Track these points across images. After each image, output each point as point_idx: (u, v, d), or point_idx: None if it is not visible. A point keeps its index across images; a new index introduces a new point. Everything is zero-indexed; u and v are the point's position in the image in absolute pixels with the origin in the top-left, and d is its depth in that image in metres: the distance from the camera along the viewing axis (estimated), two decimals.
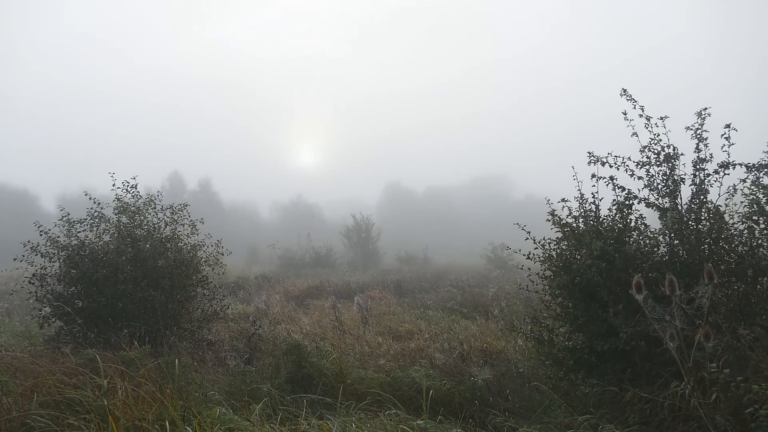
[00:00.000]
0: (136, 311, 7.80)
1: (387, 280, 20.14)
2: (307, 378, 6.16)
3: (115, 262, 7.89)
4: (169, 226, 8.82)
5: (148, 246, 8.39)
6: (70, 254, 8.03)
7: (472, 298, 14.11)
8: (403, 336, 9.60)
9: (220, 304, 8.96)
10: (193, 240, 8.97)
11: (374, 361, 7.30)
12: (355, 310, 11.48)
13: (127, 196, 8.70)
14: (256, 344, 8.01)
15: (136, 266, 8.01)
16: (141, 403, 4.69)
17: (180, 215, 8.93)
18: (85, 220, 8.42)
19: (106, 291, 7.73)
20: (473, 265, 33.64)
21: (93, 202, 8.57)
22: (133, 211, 8.61)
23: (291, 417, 5.14)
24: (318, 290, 17.66)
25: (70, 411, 4.69)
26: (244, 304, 14.42)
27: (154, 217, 8.82)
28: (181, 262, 8.48)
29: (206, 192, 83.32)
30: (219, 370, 6.94)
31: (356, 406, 5.41)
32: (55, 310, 7.87)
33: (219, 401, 5.57)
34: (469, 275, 23.44)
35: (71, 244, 8.16)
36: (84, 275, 7.89)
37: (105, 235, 8.49)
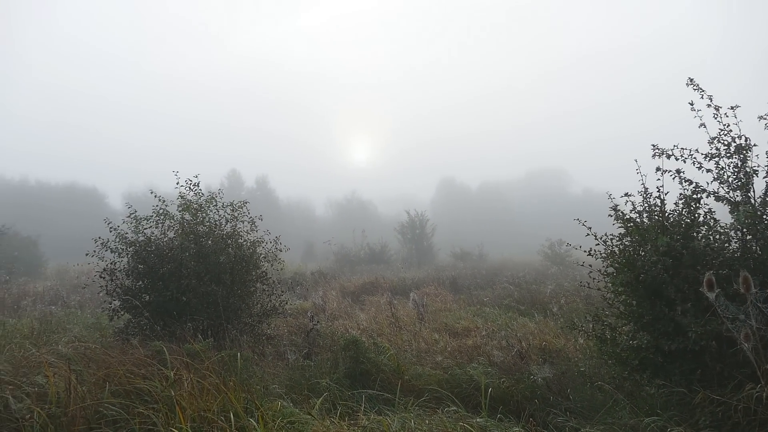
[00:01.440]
0: (199, 305, 8.03)
1: (442, 277, 20.06)
2: (365, 373, 6.20)
3: (179, 258, 8.14)
4: (229, 223, 9.05)
5: (210, 242, 8.63)
6: (138, 250, 8.33)
7: (529, 295, 13.87)
8: (459, 333, 9.54)
9: (279, 299, 9.12)
10: (252, 236, 9.16)
11: (431, 357, 7.28)
12: (411, 307, 11.48)
13: (190, 194, 8.99)
14: (315, 339, 8.12)
15: (199, 262, 8.25)
16: (206, 395, 4.83)
17: (240, 212, 9.14)
18: (151, 217, 8.74)
19: (170, 285, 7.98)
20: (529, 262, 33.12)
21: (158, 199, 8.88)
22: (196, 208, 8.87)
23: (350, 412, 5.20)
24: (373, 286, 17.75)
25: (139, 400, 4.88)
26: (301, 299, 14.67)
27: (216, 214, 9.06)
28: (241, 258, 8.67)
29: (263, 189, 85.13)
30: (279, 364, 7.09)
31: (414, 402, 5.42)
32: (123, 304, 8.18)
33: (279, 394, 5.68)
34: (525, 272, 23.09)
35: (138, 241, 8.47)
36: (150, 270, 8.17)
37: (170, 231, 8.78)
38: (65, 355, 6.18)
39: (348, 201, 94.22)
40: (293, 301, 13.03)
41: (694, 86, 5.56)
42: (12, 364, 5.97)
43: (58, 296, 14.87)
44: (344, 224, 70.39)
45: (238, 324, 8.37)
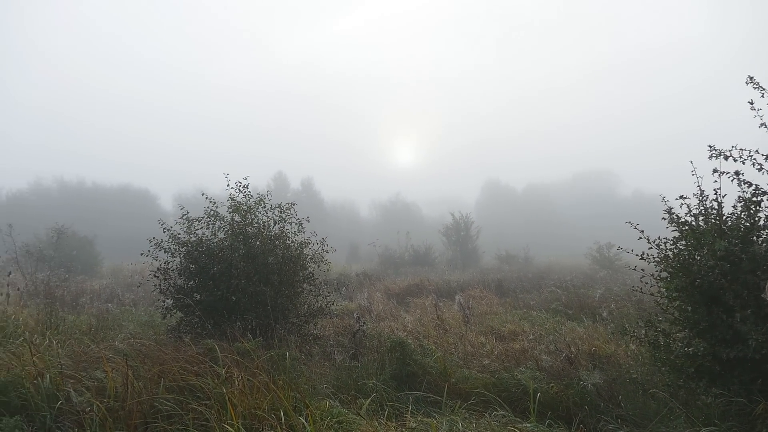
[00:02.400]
0: (248, 305, 8.18)
1: (487, 279, 19.87)
2: (411, 375, 6.21)
3: (229, 258, 8.31)
4: (277, 224, 9.19)
5: (258, 243, 8.78)
6: (189, 250, 8.56)
7: (577, 299, 13.59)
8: (506, 336, 9.44)
9: (325, 300, 9.22)
10: (299, 238, 9.29)
11: (478, 361, 7.23)
12: (456, 309, 11.42)
13: (240, 196, 9.17)
14: (361, 340, 8.17)
15: (248, 262, 8.41)
16: (256, 393, 4.92)
17: (288, 214, 9.27)
18: (203, 218, 8.96)
19: (221, 285, 8.16)
20: (577, 265, 32.47)
21: (209, 201, 9.10)
22: (245, 210, 9.05)
23: (397, 413, 5.22)
24: (418, 288, 17.73)
25: (192, 396, 5.02)
26: (346, 300, 14.77)
27: (264, 215, 9.22)
28: (288, 258, 8.80)
29: (308, 191, 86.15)
30: (326, 364, 7.16)
31: (461, 405, 5.39)
32: (176, 302, 8.40)
33: (327, 394, 5.75)
34: (572, 275, 22.67)
35: (190, 241, 8.70)
36: (201, 270, 8.39)
37: (220, 232, 8.99)
38: (122, 351, 6.40)
39: (392, 203, 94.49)
40: (339, 302, 13.15)
41: (754, 84, 5.35)
42: (72, 358, 6.21)
43: (113, 294, 15.41)
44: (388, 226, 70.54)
45: (286, 324, 8.49)
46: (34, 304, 11.56)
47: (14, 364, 5.72)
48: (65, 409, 4.88)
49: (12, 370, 5.56)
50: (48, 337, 7.65)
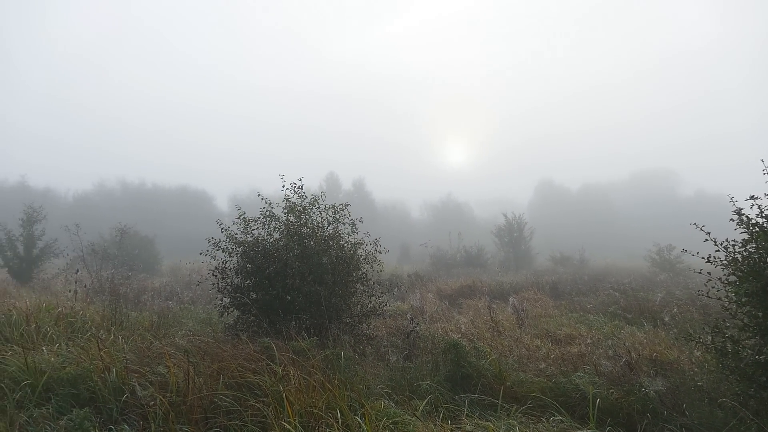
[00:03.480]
0: (302, 304, 8.28)
1: (541, 281, 19.50)
2: (465, 377, 6.15)
3: (284, 258, 8.44)
4: (331, 225, 9.27)
5: (312, 243, 8.88)
6: (246, 250, 8.74)
7: (636, 302, 13.15)
8: (562, 340, 9.23)
9: (378, 300, 9.24)
10: (353, 238, 9.34)
11: (534, 364, 7.09)
12: (510, 311, 11.26)
13: (294, 197, 9.30)
14: (414, 341, 8.15)
15: (302, 262, 8.51)
16: (311, 391, 4.98)
17: (341, 214, 9.34)
18: (259, 218, 9.14)
19: (276, 284, 8.29)
20: (635, 268, 31.50)
21: (265, 202, 9.27)
22: (300, 210, 9.17)
23: (452, 415, 5.18)
24: (470, 290, 17.56)
25: (250, 393, 5.12)
26: (398, 301, 14.78)
27: (318, 216, 9.31)
28: (342, 259, 8.86)
29: (360, 192, 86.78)
30: (379, 365, 7.17)
31: (517, 409, 5.31)
32: (233, 301, 8.61)
33: (381, 394, 5.76)
34: (631, 278, 21.98)
35: (247, 241, 8.89)
36: (258, 269, 8.54)
37: (275, 232, 9.14)
38: (183, 348, 6.60)
39: (443, 203, 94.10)
40: (391, 302, 13.16)
41: None
42: (136, 354, 6.45)
43: (173, 292, 15.90)
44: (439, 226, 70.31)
45: (339, 324, 8.55)
46: (100, 300, 12.06)
47: (83, 358, 5.97)
48: (130, 403, 5.07)
49: (81, 363, 5.81)
50: (113, 332, 7.97)
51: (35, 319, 8.19)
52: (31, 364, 5.67)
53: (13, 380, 5.46)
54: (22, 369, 5.63)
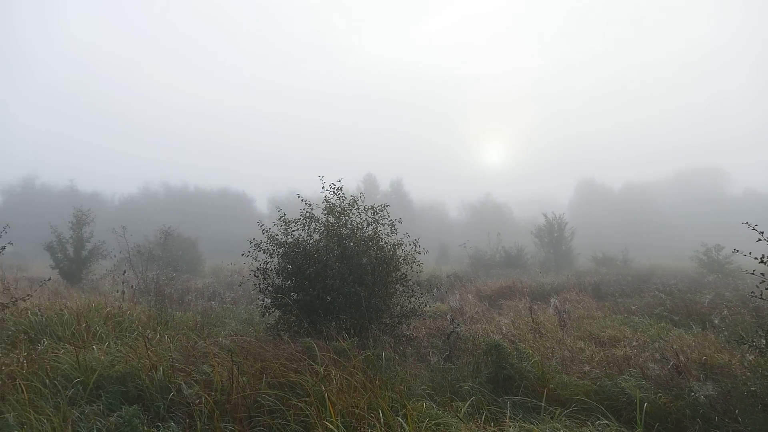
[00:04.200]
0: (342, 305, 8.32)
1: (583, 282, 19.12)
2: (507, 379, 6.07)
3: (324, 259, 8.50)
4: (370, 225, 9.29)
5: (352, 244, 8.91)
6: (287, 251, 8.83)
7: (683, 304, 12.78)
8: (606, 342, 9.03)
9: (418, 301, 9.22)
10: (392, 239, 9.34)
11: (578, 367, 6.95)
12: (552, 313, 11.08)
13: (334, 198, 9.36)
14: (455, 342, 8.10)
15: (342, 263, 8.55)
16: (353, 391, 5.00)
17: (381, 215, 9.35)
18: (299, 220, 9.22)
19: (316, 285, 8.35)
20: (681, 268, 30.63)
21: (304, 203, 9.35)
22: (339, 211, 9.22)
23: (494, 417, 5.12)
24: (510, 291, 17.36)
25: (292, 393, 5.17)
26: (437, 302, 14.72)
27: (358, 217, 9.35)
28: (382, 259, 8.86)
29: (397, 193, 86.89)
30: (420, 365, 7.15)
31: (561, 412, 5.22)
32: (274, 301, 8.72)
33: (422, 395, 5.74)
34: (677, 279, 21.37)
35: (287, 242, 8.98)
36: (298, 270, 8.62)
37: (315, 233, 9.21)
38: (226, 347, 6.71)
39: (482, 204, 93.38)
40: (430, 303, 13.11)
41: None
42: (181, 353, 6.59)
43: (215, 293, 16.18)
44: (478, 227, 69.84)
45: (379, 324, 8.56)
46: (146, 300, 12.37)
47: (131, 357, 6.13)
48: (176, 401, 5.19)
49: (129, 362, 5.97)
50: (159, 332, 8.17)
51: (85, 318, 8.46)
52: (82, 362, 5.86)
53: (65, 377, 5.64)
54: (74, 367, 5.82)
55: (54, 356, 6.26)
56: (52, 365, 5.92)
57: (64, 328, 8.11)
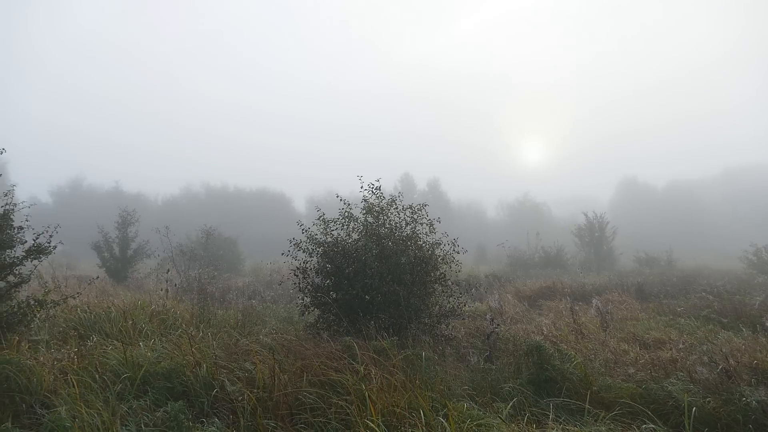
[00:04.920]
0: (381, 304, 8.33)
1: (626, 283, 18.68)
2: (549, 381, 5.98)
3: (363, 258, 8.52)
4: (409, 225, 9.28)
5: (390, 244, 8.92)
6: (326, 250, 8.89)
7: (732, 306, 12.36)
8: (650, 344, 8.82)
9: (457, 300, 9.17)
10: (431, 239, 9.31)
11: (622, 369, 6.80)
12: (593, 314, 10.88)
13: (372, 198, 9.38)
14: (495, 343, 8.03)
15: (381, 262, 8.57)
16: (393, 391, 5.00)
17: (419, 215, 9.33)
18: (338, 219, 9.28)
19: (355, 284, 8.39)
20: (729, 269, 29.60)
21: (343, 203, 9.40)
22: (378, 211, 9.24)
23: (536, 419, 5.05)
24: (550, 291, 17.09)
25: (332, 391, 5.21)
26: (476, 302, 14.60)
27: (396, 216, 9.35)
28: (421, 259, 8.84)
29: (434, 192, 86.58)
30: (459, 366, 7.11)
31: (606, 415, 5.11)
32: (313, 300, 8.80)
33: (462, 395, 5.71)
34: (725, 280, 20.65)
35: (327, 241, 9.04)
36: (337, 269, 8.67)
37: (354, 233, 9.25)
38: (267, 345, 6.80)
39: (520, 203, 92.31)
40: (469, 303, 13.02)
41: None
42: (224, 350, 6.71)
43: (256, 291, 16.43)
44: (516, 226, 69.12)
45: (418, 324, 8.55)
46: (188, 298, 12.64)
47: (176, 354, 6.28)
48: (220, 397, 5.28)
49: (174, 359, 6.11)
50: (201, 329, 8.33)
51: (131, 316, 8.69)
52: (129, 359, 6.02)
53: (113, 373, 5.81)
54: (122, 363, 5.99)
55: (103, 352, 6.44)
56: (101, 361, 6.10)
57: (111, 325, 8.35)
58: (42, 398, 5.28)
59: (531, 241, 35.68)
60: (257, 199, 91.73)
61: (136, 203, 55.22)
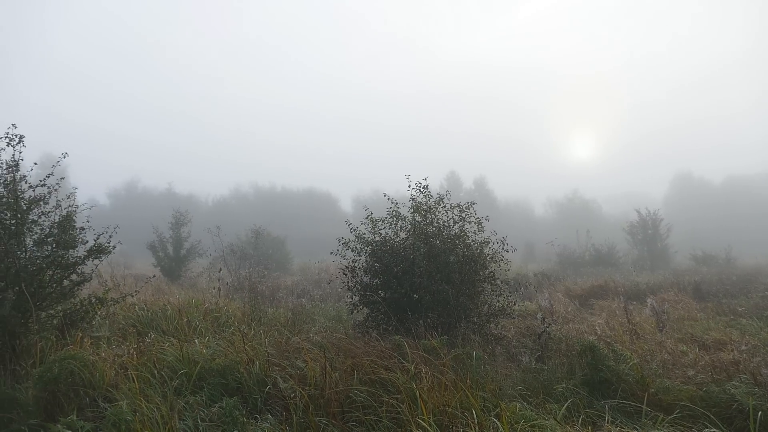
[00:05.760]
0: (430, 303, 8.31)
1: (682, 282, 18.06)
2: (604, 382, 5.83)
3: (411, 257, 8.52)
4: (457, 224, 9.22)
5: (438, 242, 8.89)
6: (374, 249, 8.93)
7: None
8: (710, 346, 8.50)
9: (507, 300, 9.06)
10: (479, 237, 9.23)
11: (680, 371, 6.58)
12: (648, 313, 10.56)
13: (420, 196, 9.36)
14: (546, 342, 7.89)
15: (429, 261, 8.54)
16: (444, 390, 4.98)
17: (467, 213, 9.26)
18: (386, 218, 9.31)
19: (404, 283, 8.39)
20: None
21: (391, 202, 9.41)
22: (425, 210, 9.22)
23: (591, 421, 4.94)
24: (602, 290, 16.69)
25: (383, 390, 5.22)
26: (525, 301, 14.39)
27: (444, 215, 9.31)
28: (469, 257, 8.78)
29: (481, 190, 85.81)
30: (510, 366, 7.02)
31: (664, 418, 4.96)
32: (362, 299, 8.86)
33: (514, 396, 5.63)
34: None
35: (375, 240, 9.09)
36: (385, 268, 8.69)
37: (402, 232, 9.26)
38: (318, 343, 6.88)
39: (569, 200, 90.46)
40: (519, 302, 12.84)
41: None
42: (276, 348, 6.82)
43: (304, 290, 16.65)
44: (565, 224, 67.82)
45: (467, 323, 8.49)
46: (239, 297, 12.91)
47: (230, 351, 6.41)
48: (273, 394, 5.38)
49: (228, 355, 6.24)
50: (253, 327, 8.49)
51: (186, 313, 8.94)
52: (185, 355, 6.19)
53: (170, 369, 5.98)
54: (179, 359, 6.16)
55: (160, 349, 6.64)
56: (159, 357, 6.29)
57: (167, 322, 8.62)
58: (104, 392, 5.49)
59: (581, 239, 34.91)
60: (304, 199, 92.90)
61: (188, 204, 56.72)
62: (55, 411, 5.26)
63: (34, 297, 6.97)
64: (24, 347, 6.70)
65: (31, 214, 7.45)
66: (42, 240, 7.49)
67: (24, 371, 6.27)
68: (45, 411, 5.34)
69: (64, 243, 7.48)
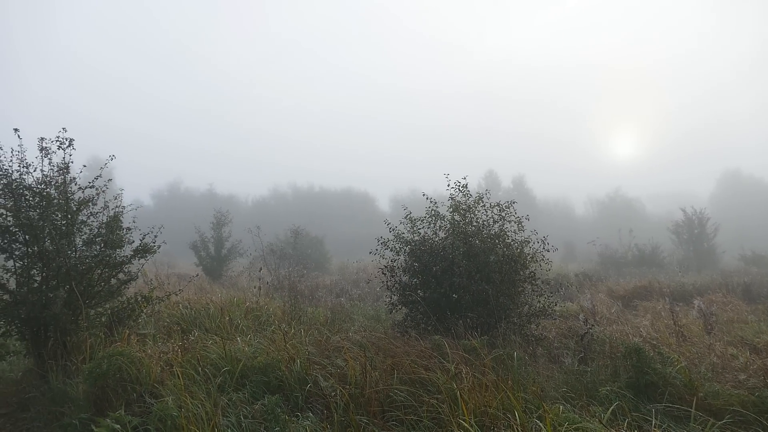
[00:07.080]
0: (469, 303, 8.25)
1: (731, 283, 17.50)
2: (650, 385, 5.68)
3: (450, 257, 8.47)
4: (497, 223, 9.13)
5: (478, 242, 8.82)
6: (413, 249, 8.92)
7: None
8: (762, 349, 8.22)
9: (547, 300, 8.92)
10: (519, 236, 9.12)
11: (731, 375, 6.36)
12: (695, 315, 10.27)
13: (459, 195, 9.31)
14: (589, 344, 7.74)
15: (469, 261, 8.48)
16: (485, 391, 4.93)
17: (507, 212, 9.16)
18: (425, 218, 9.29)
19: (443, 283, 8.36)
20: None
21: (430, 201, 9.39)
22: (465, 209, 9.16)
23: (637, 425, 4.82)
24: (646, 291, 16.29)
25: (423, 390, 5.20)
26: (566, 301, 14.16)
27: (484, 214, 9.23)
28: (509, 257, 8.68)
29: (520, 189, 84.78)
30: (552, 367, 6.91)
31: (714, 423, 4.80)
32: (401, 298, 8.85)
33: (556, 397, 5.54)
34: None
35: (414, 240, 9.07)
36: (424, 268, 8.67)
37: (441, 231, 9.22)
38: (357, 342, 6.90)
39: (611, 199, 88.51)
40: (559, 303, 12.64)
41: None
42: (316, 346, 6.87)
43: (343, 290, 16.75)
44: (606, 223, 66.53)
45: (507, 323, 8.40)
46: (280, 296, 13.06)
47: (271, 349, 6.49)
48: (313, 392, 5.42)
49: (270, 354, 6.32)
50: (293, 326, 8.58)
51: (228, 312, 9.10)
52: (228, 353, 6.29)
53: (214, 366, 6.09)
54: (222, 357, 6.27)
55: (203, 346, 6.78)
56: (202, 354, 6.42)
57: (210, 320, 8.79)
58: (150, 388, 5.62)
59: (623, 239, 34.13)
60: (342, 199, 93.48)
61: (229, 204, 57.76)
62: (104, 405, 5.43)
63: (83, 295, 7.20)
64: (74, 344, 6.92)
65: (81, 214, 7.67)
66: (91, 240, 7.71)
67: (74, 367, 6.48)
68: (95, 405, 5.51)
69: (111, 243, 7.69)
